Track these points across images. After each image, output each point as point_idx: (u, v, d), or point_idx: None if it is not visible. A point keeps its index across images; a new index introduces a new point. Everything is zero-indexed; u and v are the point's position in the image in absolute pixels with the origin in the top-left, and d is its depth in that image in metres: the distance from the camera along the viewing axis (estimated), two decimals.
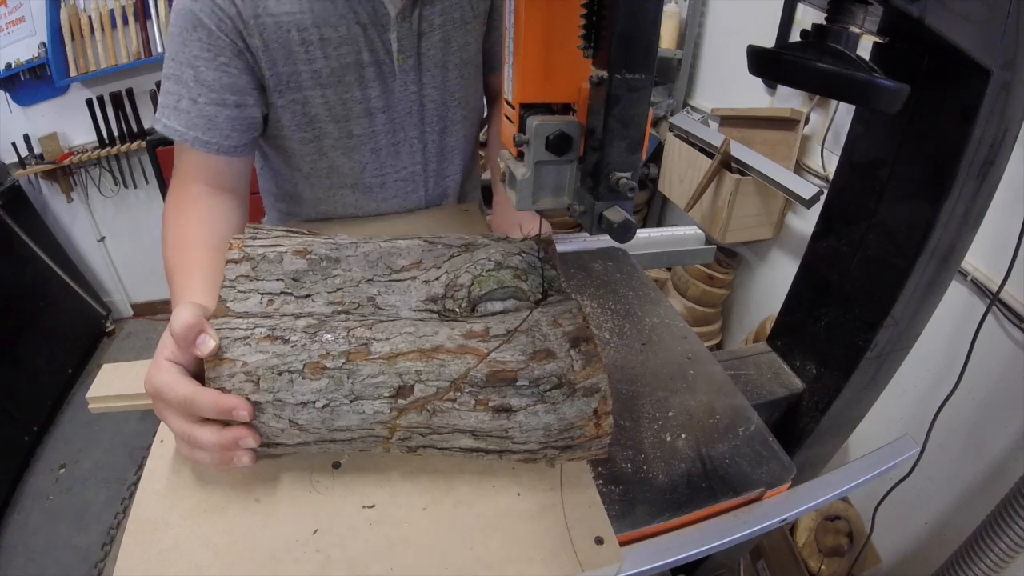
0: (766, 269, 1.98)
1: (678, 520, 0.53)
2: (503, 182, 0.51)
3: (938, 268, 0.63)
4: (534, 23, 0.44)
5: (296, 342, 0.47)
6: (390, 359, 0.47)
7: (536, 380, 0.47)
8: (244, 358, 0.46)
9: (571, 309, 0.53)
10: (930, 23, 0.44)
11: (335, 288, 0.54)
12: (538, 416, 0.47)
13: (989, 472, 1.22)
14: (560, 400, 0.47)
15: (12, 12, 2.09)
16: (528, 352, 0.48)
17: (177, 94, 0.69)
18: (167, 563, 0.44)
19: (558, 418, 0.47)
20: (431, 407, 0.46)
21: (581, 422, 0.47)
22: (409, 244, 0.59)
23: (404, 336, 0.48)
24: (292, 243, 0.57)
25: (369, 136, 0.82)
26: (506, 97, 0.49)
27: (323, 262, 0.56)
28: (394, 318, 0.52)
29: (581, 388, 0.48)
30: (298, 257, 0.56)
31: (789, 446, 0.66)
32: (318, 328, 0.49)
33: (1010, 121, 0.54)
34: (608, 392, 0.48)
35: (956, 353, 1.26)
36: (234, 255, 0.55)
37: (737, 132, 1.82)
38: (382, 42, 0.74)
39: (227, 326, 0.48)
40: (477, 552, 0.46)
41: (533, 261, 0.57)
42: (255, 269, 0.54)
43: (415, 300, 0.54)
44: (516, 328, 0.50)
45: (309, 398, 0.46)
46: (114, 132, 2.32)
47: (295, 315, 0.51)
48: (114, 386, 0.61)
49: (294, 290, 0.53)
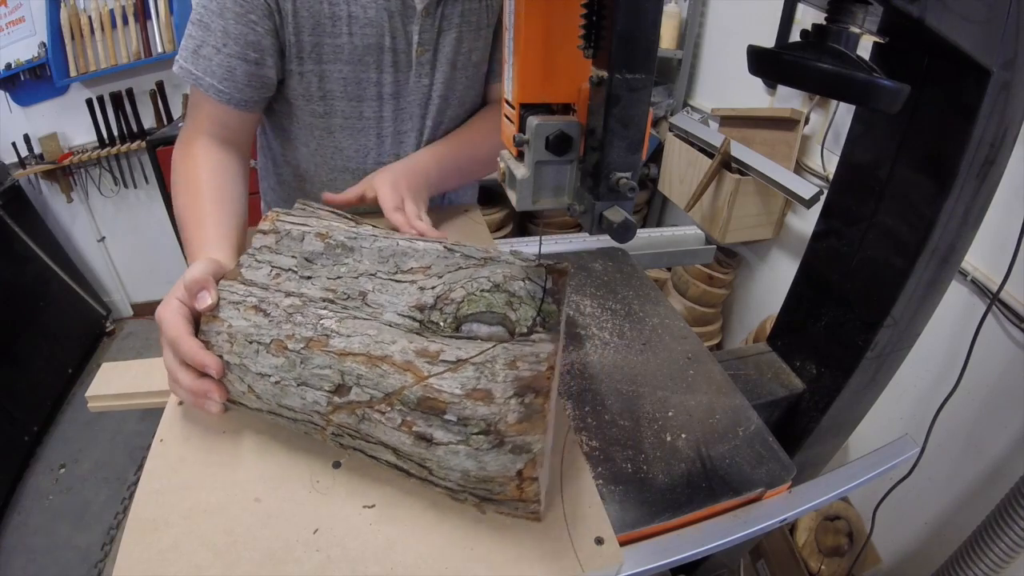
0: (766, 269, 1.98)
1: (678, 520, 0.53)
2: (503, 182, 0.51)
3: (938, 268, 0.63)
4: (534, 23, 0.44)
5: (274, 318, 0.50)
6: (341, 355, 0.47)
7: (465, 419, 0.43)
8: (231, 320, 0.51)
9: (541, 353, 0.45)
10: (930, 23, 0.44)
11: (336, 276, 0.55)
12: (458, 457, 0.43)
13: (989, 472, 1.22)
14: (484, 448, 0.42)
15: (12, 12, 2.09)
16: (467, 388, 0.43)
17: (201, 39, 0.71)
18: (167, 563, 0.44)
19: (478, 466, 0.43)
20: (361, 412, 0.46)
21: (502, 479, 0.43)
22: (427, 247, 0.58)
23: (363, 337, 0.48)
24: (318, 225, 0.60)
25: (377, 120, 0.84)
26: (506, 97, 0.49)
27: (338, 249, 0.57)
28: (372, 317, 0.51)
29: (510, 443, 0.42)
30: (318, 240, 0.58)
31: (789, 446, 0.66)
32: (297, 310, 0.51)
33: (1010, 121, 0.54)
34: (541, 457, 0.42)
35: (956, 353, 1.26)
36: (265, 227, 0.60)
37: (737, 132, 1.82)
38: (404, 32, 0.77)
39: (229, 288, 0.53)
40: (477, 552, 0.46)
41: (537, 290, 0.52)
42: (278, 243, 0.58)
43: (403, 304, 0.52)
44: (468, 359, 0.45)
45: (266, 371, 0.49)
46: (114, 132, 2.32)
47: (287, 293, 0.54)
48: (114, 385, 0.61)
49: (300, 270, 0.56)
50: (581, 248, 0.97)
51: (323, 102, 0.80)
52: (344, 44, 0.75)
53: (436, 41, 0.80)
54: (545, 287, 0.52)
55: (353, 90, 0.79)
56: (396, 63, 0.79)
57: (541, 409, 0.43)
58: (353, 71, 0.77)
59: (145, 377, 0.62)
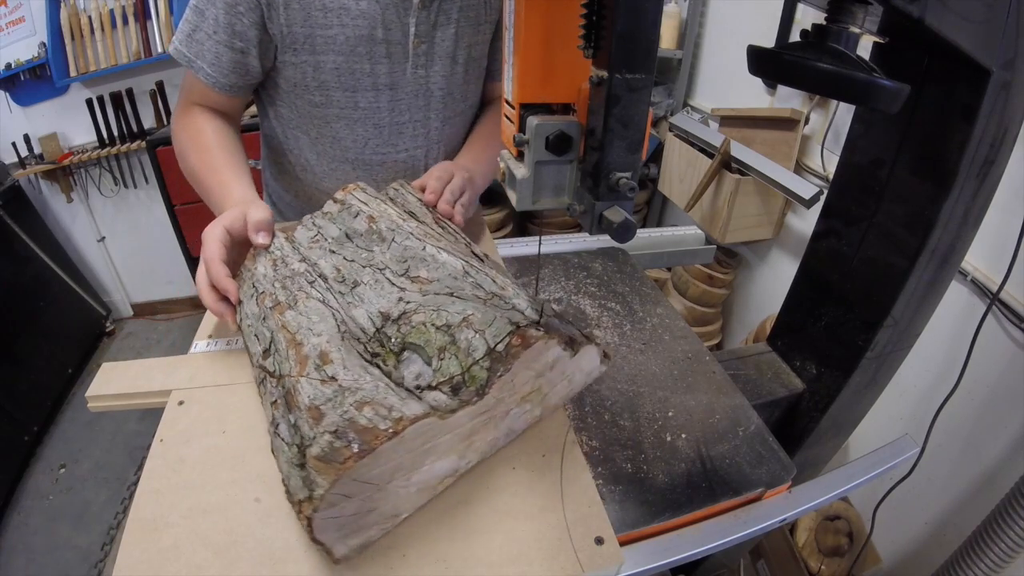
0: (766, 269, 1.98)
1: (678, 520, 0.53)
2: (503, 182, 0.51)
3: (938, 268, 0.63)
4: (534, 23, 0.44)
5: (276, 276, 0.58)
6: (281, 327, 0.52)
7: (296, 428, 0.44)
8: (259, 264, 0.60)
9: (397, 412, 0.42)
10: (930, 23, 0.44)
11: (351, 259, 0.60)
12: (283, 455, 0.44)
13: (989, 472, 1.22)
14: (293, 461, 0.43)
15: (12, 12, 2.09)
16: (314, 402, 0.44)
17: (195, 24, 0.76)
18: (167, 563, 0.44)
19: (287, 472, 0.43)
20: (262, 376, 0.52)
21: (295, 498, 0.42)
22: (449, 260, 0.57)
23: (305, 320, 0.52)
24: (373, 208, 0.65)
25: (373, 111, 0.85)
26: (506, 97, 0.49)
27: (374, 235, 0.62)
28: (343, 307, 0.54)
29: (307, 472, 0.41)
30: (366, 221, 0.64)
31: (789, 446, 0.66)
32: (292, 276, 0.58)
33: (1010, 121, 0.54)
34: (321, 500, 0.39)
35: (956, 353, 1.26)
36: (339, 196, 0.69)
37: (737, 132, 1.82)
38: (401, 24, 0.79)
39: (277, 240, 0.63)
40: (477, 552, 0.46)
41: (482, 348, 0.46)
42: (338, 213, 0.67)
43: (377, 306, 0.53)
44: (339, 379, 0.45)
45: (246, 314, 0.57)
46: (114, 132, 2.32)
47: (304, 259, 0.61)
48: (114, 385, 0.61)
49: (335, 243, 0.63)
50: (581, 248, 0.97)
51: (320, 92, 0.82)
52: (336, 35, 0.77)
53: (433, 34, 0.82)
54: (491, 348, 0.46)
55: (348, 80, 0.81)
56: (390, 54, 0.81)
57: (344, 459, 0.39)
58: (346, 61, 0.79)
59: (145, 377, 0.62)
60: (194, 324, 0.68)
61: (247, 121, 1.12)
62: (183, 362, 0.64)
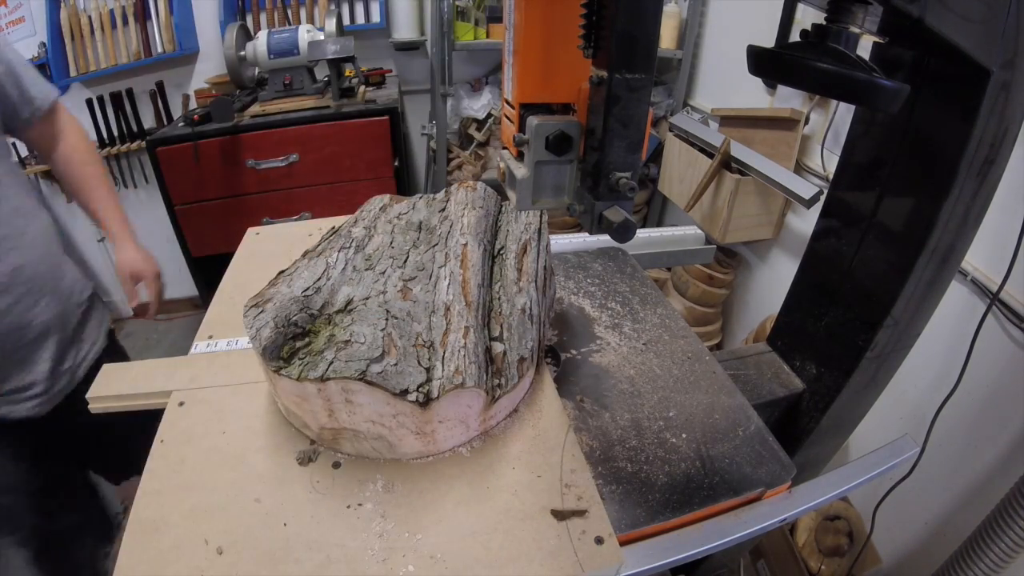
0: (766, 269, 1.98)
1: (678, 520, 0.53)
2: (503, 182, 0.51)
3: (938, 268, 0.63)
4: (534, 23, 0.44)
5: (315, 250, 0.67)
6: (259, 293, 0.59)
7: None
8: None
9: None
10: (930, 23, 0.44)
11: (394, 244, 0.67)
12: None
13: (989, 472, 1.22)
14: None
15: (12, 12, 2.09)
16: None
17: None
18: (167, 563, 0.44)
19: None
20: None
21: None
22: (442, 292, 0.59)
23: (296, 272, 0.62)
24: (454, 211, 0.72)
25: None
26: (506, 97, 0.49)
27: (432, 234, 0.69)
28: (337, 280, 0.61)
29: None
30: (438, 219, 0.72)
31: (789, 446, 0.66)
32: (343, 234, 0.69)
33: (1010, 121, 0.54)
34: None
35: (956, 353, 1.25)
36: (454, 188, 0.78)
37: (737, 132, 1.82)
38: None
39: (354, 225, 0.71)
40: (477, 552, 0.46)
41: (323, 367, 0.49)
42: (434, 202, 0.76)
43: (347, 294, 0.59)
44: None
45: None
46: (114, 132, 2.32)
47: (370, 228, 0.70)
48: (114, 385, 0.61)
49: (406, 225, 0.71)
50: (581, 248, 0.97)
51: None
52: None
53: None
54: (323, 376, 0.49)
55: None
56: None
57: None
58: None
59: (145, 378, 0.62)
60: (194, 324, 0.68)
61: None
62: (183, 363, 0.64)
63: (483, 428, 0.56)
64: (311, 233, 0.94)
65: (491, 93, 2.39)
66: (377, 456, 0.54)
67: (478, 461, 0.54)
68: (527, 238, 0.72)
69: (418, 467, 0.53)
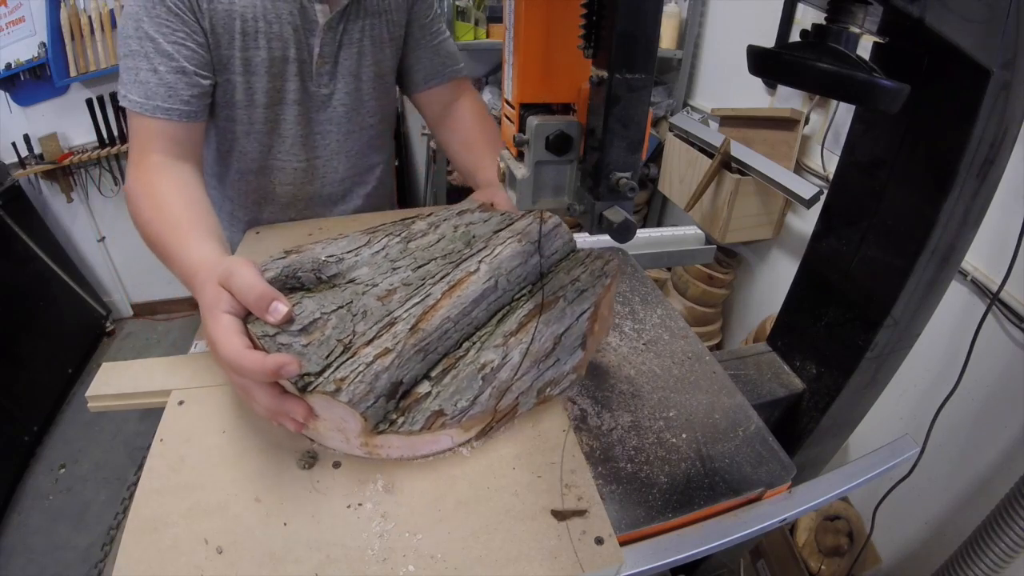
0: (766, 269, 1.98)
1: (678, 520, 0.53)
2: (503, 182, 0.51)
3: (938, 268, 0.63)
4: (534, 23, 0.44)
5: (377, 228, 0.69)
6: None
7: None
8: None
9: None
10: (930, 23, 0.44)
11: (413, 250, 0.64)
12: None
13: (989, 472, 1.22)
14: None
15: (12, 12, 2.09)
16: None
17: (136, 68, 0.75)
18: (167, 563, 0.44)
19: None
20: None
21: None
22: (441, 309, 0.56)
23: (310, 251, 0.61)
24: (485, 228, 0.69)
25: (280, 123, 0.91)
26: (506, 97, 0.49)
27: (448, 245, 0.66)
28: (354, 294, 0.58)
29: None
30: (467, 231, 0.69)
31: (789, 446, 0.66)
32: (378, 230, 0.68)
33: (1010, 121, 0.54)
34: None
35: (956, 353, 1.26)
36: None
37: (737, 132, 1.82)
38: (307, 45, 0.85)
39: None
40: (477, 552, 0.46)
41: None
42: (462, 214, 0.73)
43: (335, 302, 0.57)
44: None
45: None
46: (114, 132, 2.32)
47: (409, 229, 0.69)
48: (114, 385, 0.61)
49: (436, 236, 0.68)
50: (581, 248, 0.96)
51: (233, 108, 0.87)
52: (253, 57, 0.82)
53: (336, 54, 0.88)
54: (301, 387, 0.48)
55: (260, 97, 0.86)
56: (300, 72, 0.87)
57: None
58: (259, 81, 0.84)
59: (145, 377, 0.62)
60: (194, 324, 0.68)
61: None
62: (183, 362, 0.64)
63: (368, 452, 0.52)
64: (311, 233, 0.94)
65: (491, 93, 2.39)
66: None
67: (478, 461, 0.54)
68: (564, 305, 0.61)
69: (418, 467, 0.53)
